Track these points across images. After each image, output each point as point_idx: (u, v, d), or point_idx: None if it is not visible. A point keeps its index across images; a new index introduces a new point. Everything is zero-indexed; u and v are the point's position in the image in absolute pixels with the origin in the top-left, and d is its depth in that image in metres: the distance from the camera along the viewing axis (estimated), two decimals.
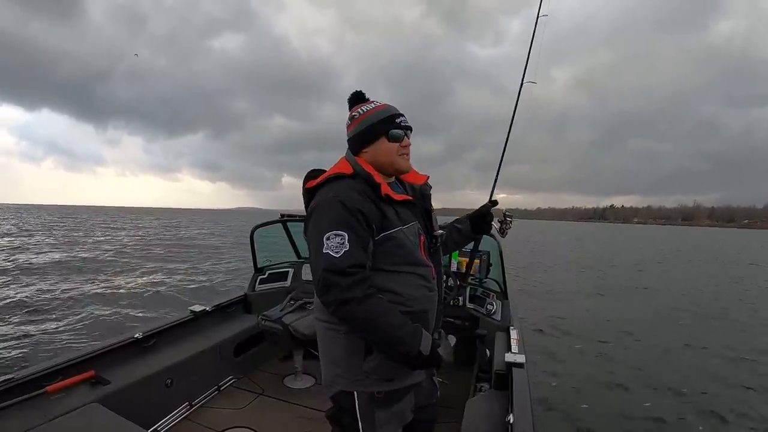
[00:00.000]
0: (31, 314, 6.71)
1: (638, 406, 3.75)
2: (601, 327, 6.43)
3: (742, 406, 3.77)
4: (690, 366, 4.74)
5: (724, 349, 5.38)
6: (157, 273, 11.35)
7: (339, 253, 1.07)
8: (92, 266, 12.05)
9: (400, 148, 1.25)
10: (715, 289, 10.73)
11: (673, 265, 16.54)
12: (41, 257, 13.19)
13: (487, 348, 2.52)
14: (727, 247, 33.68)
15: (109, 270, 11.53)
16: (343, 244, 1.08)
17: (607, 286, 10.48)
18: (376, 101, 1.29)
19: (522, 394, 1.67)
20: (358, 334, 1.16)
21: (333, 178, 1.20)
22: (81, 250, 15.81)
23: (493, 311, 2.81)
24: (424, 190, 1.38)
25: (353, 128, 1.26)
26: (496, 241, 2.88)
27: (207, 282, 10.29)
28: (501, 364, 1.99)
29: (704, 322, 7.03)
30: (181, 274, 11.28)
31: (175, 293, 8.79)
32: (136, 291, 8.91)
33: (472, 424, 1.70)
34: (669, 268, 15.26)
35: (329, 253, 1.07)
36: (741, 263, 19.31)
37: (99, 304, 7.59)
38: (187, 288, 9.42)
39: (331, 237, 1.08)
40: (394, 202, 1.21)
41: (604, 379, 4.31)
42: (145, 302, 7.89)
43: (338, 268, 1.07)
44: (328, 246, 1.08)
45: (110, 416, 1.76)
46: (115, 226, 32.54)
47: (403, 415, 1.26)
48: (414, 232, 1.24)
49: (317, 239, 1.11)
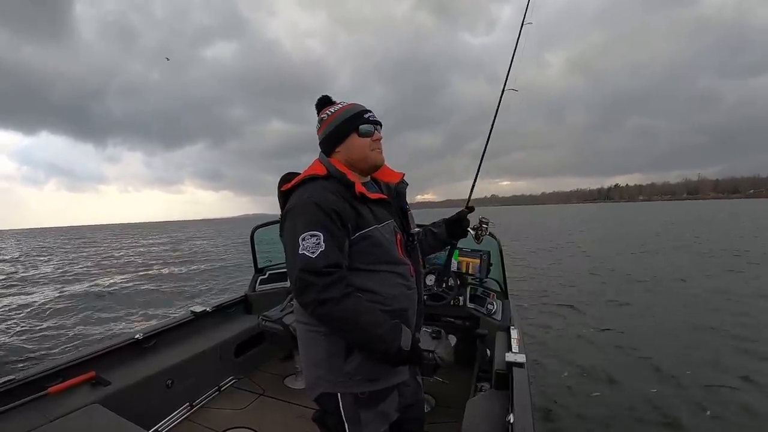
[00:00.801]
0: (31, 316, 6.72)
1: (639, 405, 3.74)
2: (604, 324, 6.42)
3: (742, 403, 3.76)
4: (695, 364, 4.72)
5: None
6: (157, 273, 11.36)
7: (315, 254, 1.07)
8: (94, 272, 12.07)
9: (371, 143, 1.26)
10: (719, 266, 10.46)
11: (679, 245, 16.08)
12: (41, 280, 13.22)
13: (487, 348, 2.52)
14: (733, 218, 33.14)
15: (109, 272, 11.54)
16: (319, 244, 1.08)
17: (610, 272, 10.34)
18: (342, 102, 1.30)
19: (522, 394, 1.67)
20: (338, 335, 1.16)
21: (307, 179, 1.20)
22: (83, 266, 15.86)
23: (493, 311, 2.82)
24: (400, 188, 1.38)
25: (323, 130, 1.28)
26: (496, 241, 2.88)
27: (207, 282, 10.30)
28: (501, 364, 1.99)
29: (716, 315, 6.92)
30: (181, 275, 11.30)
31: (175, 293, 8.81)
32: (136, 292, 8.92)
33: (473, 424, 1.70)
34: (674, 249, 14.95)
35: (305, 253, 1.08)
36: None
37: (99, 305, 7.60)
38: (188, 288, 9.43)
39: (306, 238, 1.09)
40: (368, 200, 1.22)
41: (604, 380, 4.30)
42: (146, 303, 7.90)
43: (315, 269, 1.07)
44: (304, 247, 1.08)
45: (111, 417, 1.76)
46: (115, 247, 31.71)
47: (388, 414, 1.26)
48: (390, 231, 1.24)
49: (293, 240, 1.11)
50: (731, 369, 4.35)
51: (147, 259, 15.06)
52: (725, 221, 29.78)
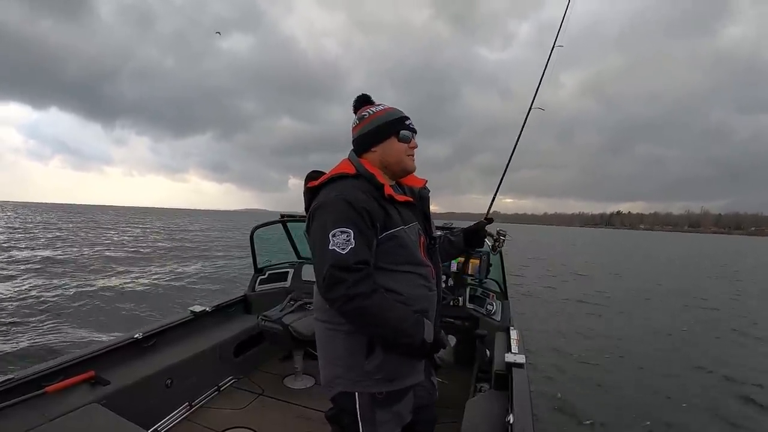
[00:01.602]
0: (30, 314, 6.71)
1: (639, 404, 3.75)
2: (602, 330, 6.43)
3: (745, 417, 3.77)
4: (690, 368, 4.73)
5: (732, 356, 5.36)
6: (157, 274, 11.35)
7: (345, 250, 1.08)
8: (91, 266, 12.05)
9: (408, 148, 1.28)
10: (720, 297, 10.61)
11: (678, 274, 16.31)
12: (38, 253, 13.19)
13: (487, 348, 2.52)
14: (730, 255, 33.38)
15: (108, 270, 11.53)
16: (349, 240, 1.09)
17: (611, 289, 10.44)
18: (384, 104, 1.32)
19: (522, 395, 1.67)
20: (360, 332, 1.17)
21: (336, 177, 1.21)
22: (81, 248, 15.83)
23: (493, 311, 2.82)
24: (423, 193, 1.40)
25: (362, 127, 1.29)
26: None
27: (207, 283, 10.29)
28: (501, 365, 1.99)
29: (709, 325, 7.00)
30: (181, 275, 11.28)
31: (175, 294, 8.80)
32: (136, 291, 8.91)
33: (472, 424, 1.70)
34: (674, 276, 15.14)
35: (335, 249, 1.08)
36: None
37: (99, 304, 7.59)
38: (188, 288, 9.42)
39: (336, 234, 1.09)
40: (396, 202, 1.23)
41: (604, 379, 4.31)
42: (145, 302, 7.89)
43: (345, 264, 1.08)
44: (335, 243, 1.09)
45: (110, 416, 1.76)
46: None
47: (403, 415, 1.27)
48: (415, 233, 1.26)
49: (322, 237, 1.11)
50: (734, 375, 4.36)
51: (146, 256, 15.07)
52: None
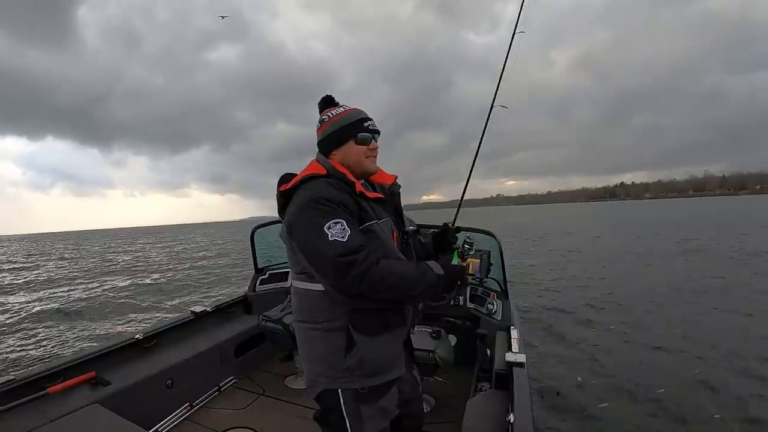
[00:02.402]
0: (32, 316, 6.72)
1: (638, 405, 3.74)
2: (605, 326, 6.43)
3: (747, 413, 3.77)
4: (695, 367, 4.72)
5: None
6: (157, 273, 11.35)
7: (345, 238, 1.11)
8: (94, 272, 12.06)
9: (367, 150, 1.30)
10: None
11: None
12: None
13: (487, 348, 2.52)
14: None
15: (109, 273, 11.53)
16: (345, 229, 1.12)
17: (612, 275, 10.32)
18: (345, 105, 1.33)
19: (523, 394, 1.67)
20: (386, 297, 1.17)
21: (308, 178, 1.23)
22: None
23: (493, 311, 2.82)
24: (393, 189, 1.42)
25: (323, 131, 1.32)
26: (496, 241, 2.88)
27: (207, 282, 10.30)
28: (502, 364, 1.99)
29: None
30: (182, 275, 11.29)
31: (175, 293, 8.80)
32: (135, 292, 8.91)
33: (473, 424, 1.70)
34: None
35: (337, 239, 1.11)
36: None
37: (99, 304, 7.60)
38: (188, 288, 9.42)
39: (331, 226, 1.12)
40: (367, 199, 1.27)
41: (604, 379, 4.31)
42: (146, 303, 7.90)
43: (351, 249, 1.10)
44: (333, 234, 1.11)
45: (111, 417, 1.77)
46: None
47: (388, 410, 1.28)
48: (388, 228, 1.30)
49: (317, 233, 1.13)
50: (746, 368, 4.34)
51: (148, 261, 15.09)
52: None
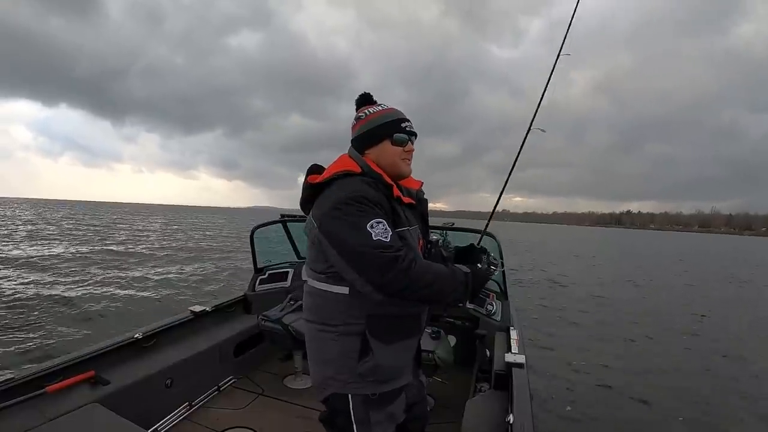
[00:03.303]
0: (31, 314, 6.71)
1: (638, 405, 3.74)
2: (604, 328, 6.43)
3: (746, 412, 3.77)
4: (693, 367, 4.73)
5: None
6: (157, 273, 11.35)
7: (388, 238, 1.09)
8: (94, 263, 12.06)
9: (403, 152, 1.26)
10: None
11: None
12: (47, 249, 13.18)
13: (487, 348, 2.52)
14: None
15: (108, 269, 11.53)
16: (387, 229, 1.10)
17: (611, 284, 10.41)
18: (383, 104, 1.30)
19: (522, 395, 1.67)
20: (424, 294, 1.13)
21: (343, 175, 1.20)
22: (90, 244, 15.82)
23: (493, 311, 2.81)
24: (420, 195, 1.39)
25: (359, 128, 1.28)
26: (496, 242, 2.87)
27: (207, 282, 10.29)
28: (501, 365, 1.99)
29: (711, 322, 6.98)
30: (182, 274, 11.29)
31: (174, 293, 8.80)
32: (136, 290, 8.91)
33: (472, 425, 1.70)
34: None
35: (380, 239, 1.08)
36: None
37: (99, 304, 7.60)
38: (187, 288, 9.42)
39: (374, 225, 1.09)
40: (402, 203, 1.23)
41: (604, 379, 4.31)
42: (145, 302, 7.90)
43: (395, 247, 1.09)
44: (377, 233, 1.08)
45: (110, 416, 1.76)
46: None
47: (396, 415, 1.27)
48: (416, 235, 1.26)
49: (359, 231, 1.09)
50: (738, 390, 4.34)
51: (147, 254, 15.07)
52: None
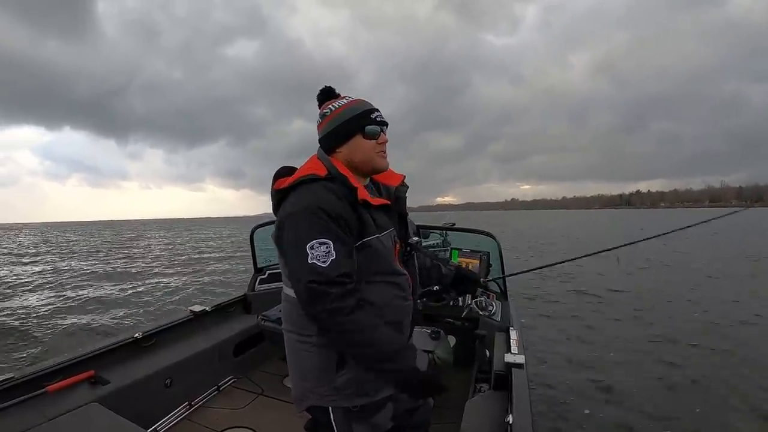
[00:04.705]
0: (31, 315, 6.72)
1: (638, 406, 3.74)
2: (606, 327, 6.43)
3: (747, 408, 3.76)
4: (699, 367, 4.71)
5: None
6: (157, 272, 11.35)
7: (326, 263, 1.00)
8: (96, 271, 12.06)
9: (377, 145, 1.17)
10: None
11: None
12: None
13: (486, 348, 2.52)
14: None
15: (109, 271, 11.53)
16: (330, 252, 1.01)
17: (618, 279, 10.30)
18: (348, 97, 1.20)
19: (522, 395, 1.67)
20: (343, 350, 1.11)
21: (307, 180, 1.11)
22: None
23: (492, 312, 2.81)
24: (399, 192, 1.28)
25: (325, 126, 1.18)
26: (496, 242, 2.87)
27: (207, 282, 10.30)
28: (501, 365, 1.99)
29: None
30: (182, 274, 11.29)
31: (174, 293, 8.81)
32: (136, 291, 8.92)
33: (472, 425, 1.70)
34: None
35: (315, 263, 1.00)
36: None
37: (99, 303, 7.60)
38: (187, 288, 9.43)
39: (315, 246, 1.01)
40: (371, 207, 1.13)
41: (604, 380, 4.30)
42: (145, 302, 7.90)
43: (327, 278, 1.00)
44: (314, 255, 1.01)
45: (110, 416, 1.76)
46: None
47: (382, 425, 1.21)
48: (390, 240, 1.18)
49: (298, 248, 1.03)
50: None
51: (149, 257, 15.10)
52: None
